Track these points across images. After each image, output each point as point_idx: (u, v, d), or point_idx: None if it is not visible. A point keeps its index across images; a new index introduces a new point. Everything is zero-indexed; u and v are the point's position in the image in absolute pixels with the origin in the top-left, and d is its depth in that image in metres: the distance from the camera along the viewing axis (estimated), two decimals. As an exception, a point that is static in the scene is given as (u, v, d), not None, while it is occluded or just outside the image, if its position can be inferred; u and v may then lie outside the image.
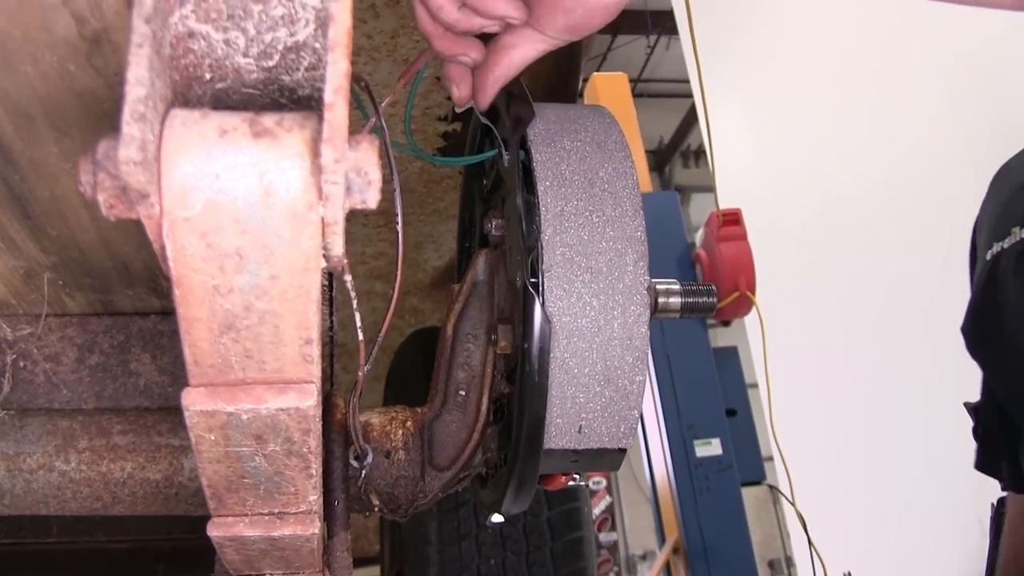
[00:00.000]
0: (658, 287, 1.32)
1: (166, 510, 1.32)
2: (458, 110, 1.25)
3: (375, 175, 0.61)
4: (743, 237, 5.12)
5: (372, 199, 0.62)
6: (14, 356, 1.23)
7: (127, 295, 1.21)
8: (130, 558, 3.07)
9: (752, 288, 5.04)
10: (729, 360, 6.11)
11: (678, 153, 14.93)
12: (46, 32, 0.70)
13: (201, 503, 0.93)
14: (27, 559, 2.90)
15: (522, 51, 1.18)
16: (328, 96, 0.58)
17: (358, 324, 0.98)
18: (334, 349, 1.37)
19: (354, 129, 0.62)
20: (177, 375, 1.25)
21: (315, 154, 0.59)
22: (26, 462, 1.27)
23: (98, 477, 1.28)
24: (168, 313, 1.26)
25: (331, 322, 1.31)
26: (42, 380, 1.26)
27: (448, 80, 1.22)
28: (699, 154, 14.42)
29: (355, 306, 0.99)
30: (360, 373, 1.09)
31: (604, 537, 10.42)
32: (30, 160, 0.87)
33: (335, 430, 1.23)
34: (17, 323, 1.23)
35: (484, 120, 1.32)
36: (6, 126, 0.82)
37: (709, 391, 5.58)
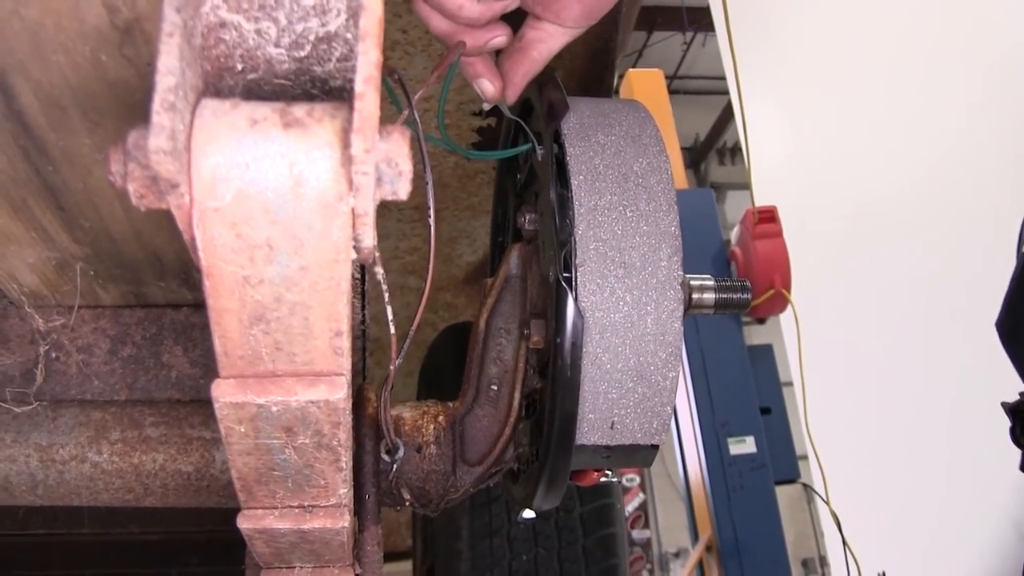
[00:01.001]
0: (692, 283, 1.30)
1: (197, 502, 1.32)
2: (486, 107, 1.25)
3: (406, 166, 0.61)
4: (779, 235, 5.10)
5: (403, 190, 0.62)
6: (47, 347, 1.24)
7: (159, 287, 1.21)
8: (163, 549, 3.09)
9: (787, 286, 5.02)
10: (764, 358, 6.08)
11: (714, 150, 14.87)
12: (78, 21, 0.70)
13: (232, 495, 0.93)
14: (61, 549, 2.93)
15: (547, 45, 1.20)
16: (359, 86, 0.57)
17: (389, 317, 0.98)
18: (366, 343, 1.37)
19: (387, 121, 0.61)
20: (209, 367, 1.25)
21: (345, 144, 0.58)
22: (59, 453, 1.28)
23: (130, 468, 1.28)
24: (200, 305, 1.27)
25: (363, 316, 1.31)
26: (75, 371, 1.27)
27: (475, 77, 1.22)
28: (735, 151, 14.36)
29: (386, 299, 0.98)
30: (391, 367, 1.08)
31: (637, 534, 10.40)
32: (63, 151, 0.87)
33: (366, 424, 1.22)
34: (50, 314, 1.23)
35: (513, 116, 1.31)
36: (39, 116, 0.82)
37: (743, 389, 5.56)
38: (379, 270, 0.78)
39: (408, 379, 2.91)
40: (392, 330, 1.01)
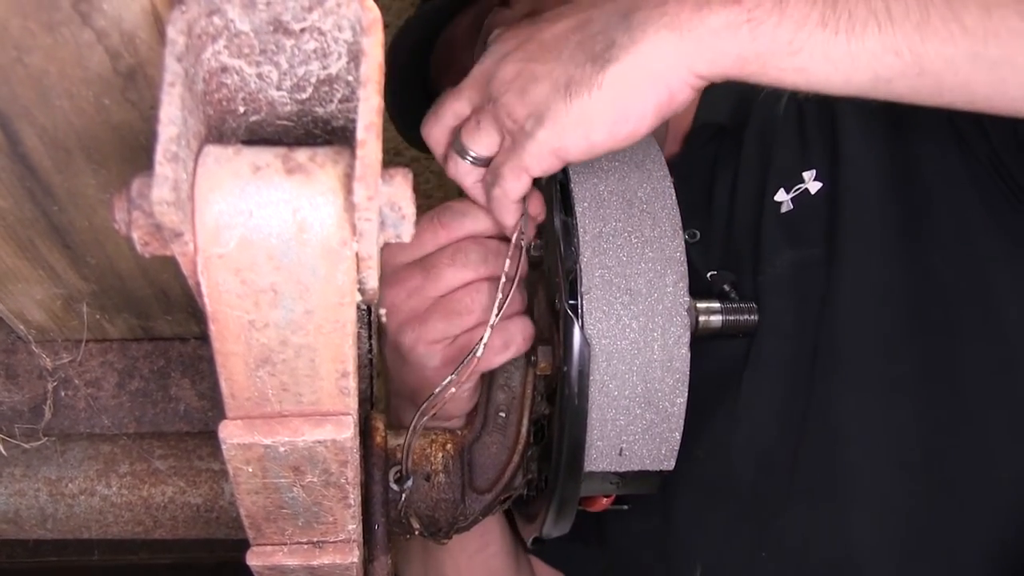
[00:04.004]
0: (698, 306, 1.30)
1: (207, 534, 1.32)
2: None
3: (409, 209, 0.61)
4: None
5: (406, 233, 0.62)
6: (55, 383, 1.24)
7: (166, 320, 1.21)
8: (173, 575, 3.09)
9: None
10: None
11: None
12: (81, 68, 0.70)
13: (242, 527, 0.93)
14: (72, 576, 2.94)
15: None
16: (360, 133, 0.57)
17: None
18: (372, 371, 1.37)
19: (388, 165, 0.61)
20: (217, 400, 1.24)
21: (348, 190, 0.58)
22: (68, 487, 1.28)
23: (139, 501, 1.28)
24: (207, 338, 1.27)
25: (370, 345, 1.31)
26: (83, 406, 1.26)
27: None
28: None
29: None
30: (409, 438, 1.09)
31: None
32: (68, 192, 0.87)
33: (375, 453, 1.22)
34: (58, 350, 1.23)
35: None
36: (44, 160, 0.82)
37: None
38: (383, 311, 0.78)
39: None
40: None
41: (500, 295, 1.17)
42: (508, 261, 1.17)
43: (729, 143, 1.55)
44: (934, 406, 1.30)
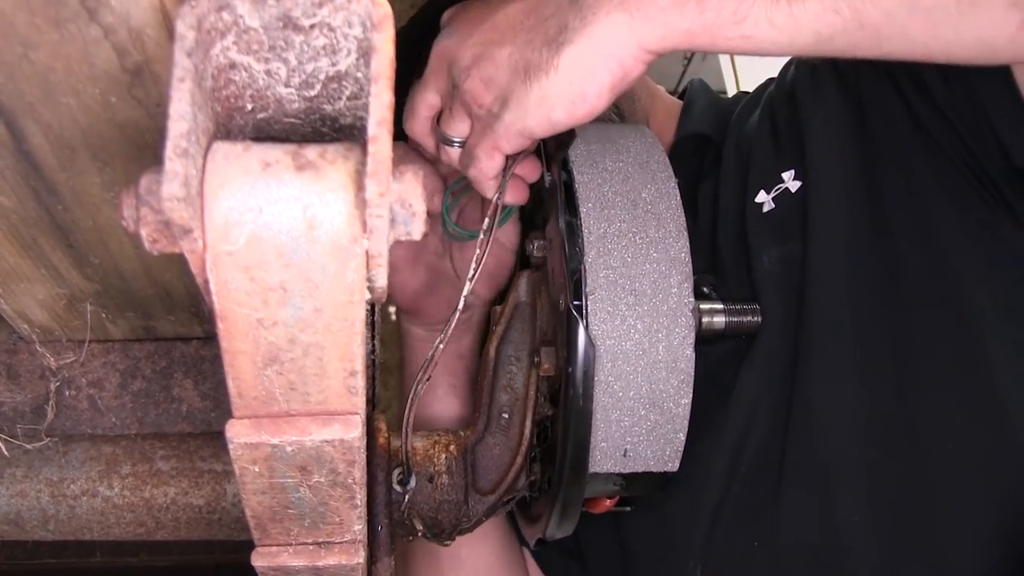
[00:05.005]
0: (702, 307, 1.30)
1: (209, 535, 1.32)
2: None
3: (420, 207, 0.61)
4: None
5: (416, 231, 0.61)
6: (57, 384, 1.24)
7: (169, 321, 1.21)
8: (172, 577, 3.10)
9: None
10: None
11: (716, 164, 14.84)
12: (88, 65, 0.70)
13: (244, 528, 0.93)
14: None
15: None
16: (372, 129, 0.57)
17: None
18: (375, 372, 1.37)
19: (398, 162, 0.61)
20: (219, 400, 1.24)
21: (359, 187, 0.58)
22: (70, 488, 1.27)
23: (141, 503, 1.28)
24: (209, 338, 1.26)
25: (373, 346, 1.31)
26: (86, 406, 1.26)
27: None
28: (737, 165, 14.29)
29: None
30: (410, 400, 1.08)
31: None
32: (72, 190, 0.87)
33: (378, 455, 1.22)
34: (61, 350, 1.23)
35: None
36: (49, 158, 0.82)
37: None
38: (392, 309, 0.77)
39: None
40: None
41: (478, 250, 1.19)
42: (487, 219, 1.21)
43: (710, 156, 1.57)
44: (912, 389, 1.30)
